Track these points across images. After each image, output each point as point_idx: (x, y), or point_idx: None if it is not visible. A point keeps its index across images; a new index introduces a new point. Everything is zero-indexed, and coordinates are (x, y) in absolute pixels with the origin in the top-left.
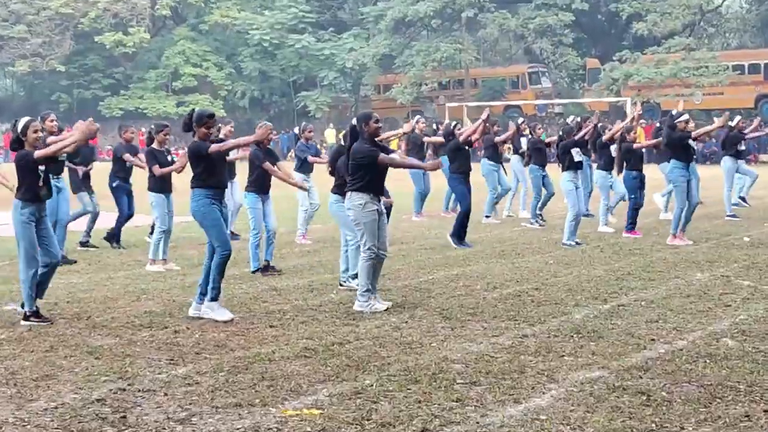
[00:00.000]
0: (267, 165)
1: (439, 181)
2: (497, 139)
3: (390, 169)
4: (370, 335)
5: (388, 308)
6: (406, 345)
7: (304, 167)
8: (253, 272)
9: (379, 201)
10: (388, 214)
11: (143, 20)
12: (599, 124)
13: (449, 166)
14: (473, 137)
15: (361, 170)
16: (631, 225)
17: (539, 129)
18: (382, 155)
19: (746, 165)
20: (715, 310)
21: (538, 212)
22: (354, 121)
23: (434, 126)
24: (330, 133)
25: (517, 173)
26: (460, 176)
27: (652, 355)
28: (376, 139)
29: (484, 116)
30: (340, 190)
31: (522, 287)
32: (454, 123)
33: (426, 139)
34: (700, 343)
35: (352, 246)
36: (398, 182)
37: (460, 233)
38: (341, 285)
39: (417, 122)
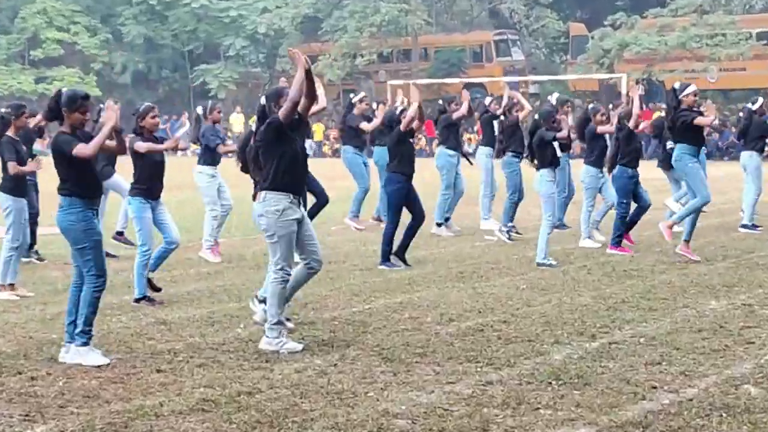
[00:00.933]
0: (140, 144)
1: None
2: (455, 115)
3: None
4: (287, 382)
5: (305, 348)
6: (334, 395)
7: (211, 158)
8: (137, 300)
9: (300, 204)
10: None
11: None
12: (591, 105)
13: (387, 164)
14: (414, 124)
15: (271, 158)
16: (619, 238)
17: (517, 110)
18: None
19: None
20: (735, 348)
21: (509, 224)
22: (263, 100)
23: (375, 105)
24: (236, 119)
25: (485, 171)
26: (399, 177)
27: (654, 408)
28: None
29: (415, 100)
30: None
31: (486, 319)
32: (400, 108)
33: (364, 125)
34: (715, 391)
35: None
36: (332, 181)
37: (396, 248)
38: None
39: (361, 101)
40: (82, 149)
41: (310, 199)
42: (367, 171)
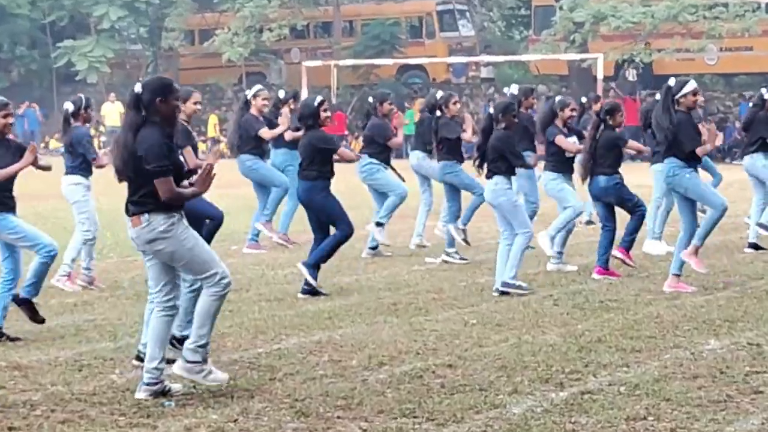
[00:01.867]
0: None
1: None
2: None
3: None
4: None
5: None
6: None
7: (87, 166)
8: None
9: (182, 216)
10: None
11: None
12: (559, 97)
13: (300, 169)
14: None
15: (150, 178)
16: (606, 260)
17: (454, 102)
18: (170, 180)
19: None
20: (739, 399)
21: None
22: (138, 88)
23: (280, 95)
24: (111, 109)
25: (423, 176)
26: (325, 184)
27: None
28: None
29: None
30: None
31: (426, 363)
32: (319, 99)
33: (264, 133)
34: None
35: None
36: (225, 189)
37: (321, 261)
38: None
39: (255, 96)
40: None
41: None
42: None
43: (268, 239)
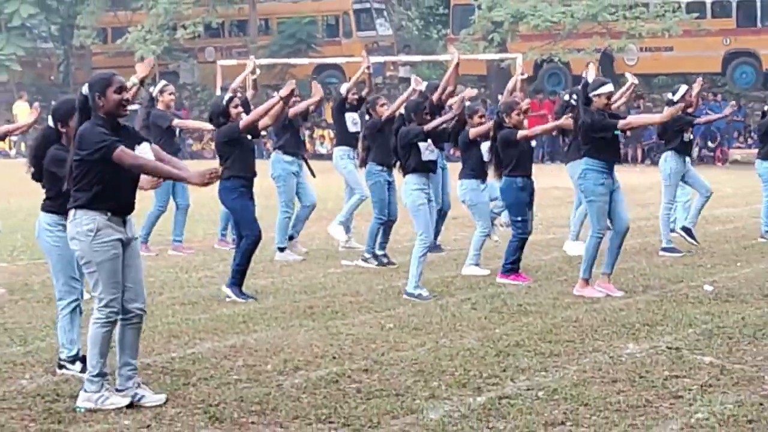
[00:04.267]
0: None
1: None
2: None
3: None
4: None
5: (142, 404)
6: None
7: None
8: None
9: (125, 224)
10: None
11: None
12: (468, 104)
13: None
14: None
15: (90, 174)
16: (513, 264)
17: (381, 104)
18: (122, 149)
19: (694, 167)
20: (658, 404)
21: (378, 250)
22: (85, 89)
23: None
24: (22, 108)
25: (348, 178)
26: (236, 183)
27: None
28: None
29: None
30: (57, 205)
31: (342, 368)
32: (228, 96)
33: (178, 122)
34: None
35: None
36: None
37: (238, 278)
38: None
39: (162, 91)
40: None
41: None
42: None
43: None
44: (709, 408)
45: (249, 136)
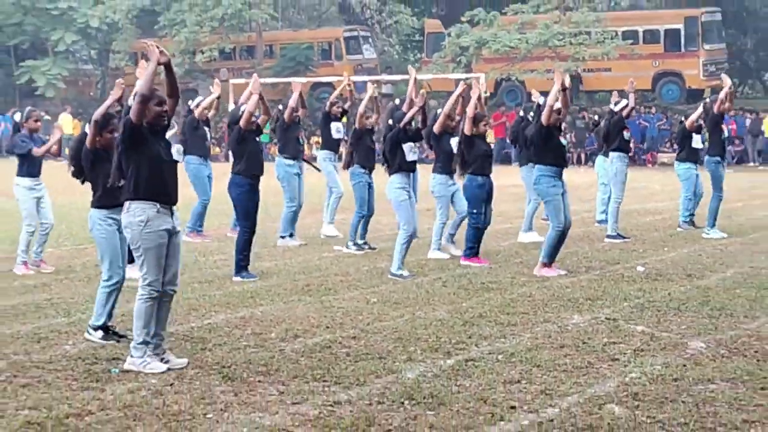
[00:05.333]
0: None
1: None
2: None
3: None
4: (119, 403)
5: (170, 368)
6: (170, 417)
7: (29, 169)
8: None
9: (172, 214)
10: None
11: None
12: (440, 110)
13: (234, 165)
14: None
15: (133, 163)
16: (472, 249)
17: (367, 117)
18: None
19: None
20: (598, 365)
21: (359, 239)
22: (130, 100)
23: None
24: (66, 120)
25: (328, 178)
26: (244, 180)
27: (512, 429)
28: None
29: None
30: (103, 201)
31: (334, 335)
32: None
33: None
34: (577, 411)
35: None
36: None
37: (241, 262)
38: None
39: (27, 118)
40: None
41: None
42: (210, 183)
43: None
44: (641, 369)
45: (256, 138)
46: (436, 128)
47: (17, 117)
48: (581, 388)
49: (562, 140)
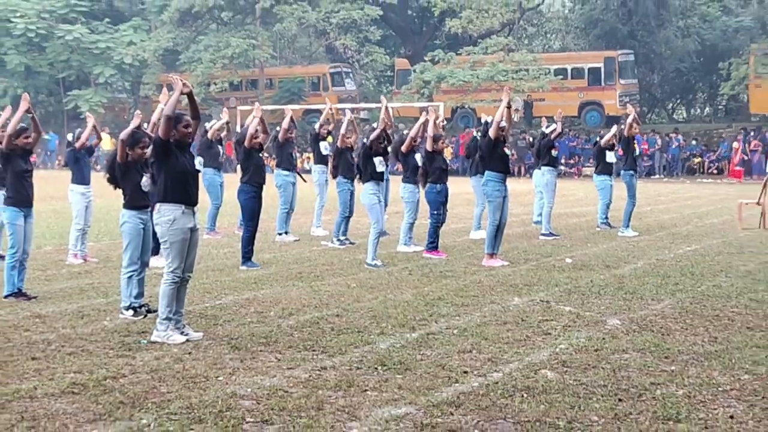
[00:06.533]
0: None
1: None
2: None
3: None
4: (147, 368)
5: (188, 339)
6: (188, 379)
7: (80, 178)
8: (6, 297)
9: (194, 214)
10: None
11: None
12: (405, 131)
13: (242, 176)
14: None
15: (162, 171)
16: (432, 244)
17: (348, 137)
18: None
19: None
20: (534, 338)
21: (341, 236)
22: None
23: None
24: (106, 138)
25: (318, 188)
26: (250, 188)
27: (465, 389)
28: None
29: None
30: (132, 202)
31: (321, 313)
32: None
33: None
34: (517, 375)
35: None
36: None
37: (246, 254)
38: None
39: (212, 126)
40: None
41: None
42: (222, 190)
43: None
44: (568, 341)
45: (259, 153)
46: (403, 148)
47: (69, 137)
48: (520, 357)
49: (507, 151)
